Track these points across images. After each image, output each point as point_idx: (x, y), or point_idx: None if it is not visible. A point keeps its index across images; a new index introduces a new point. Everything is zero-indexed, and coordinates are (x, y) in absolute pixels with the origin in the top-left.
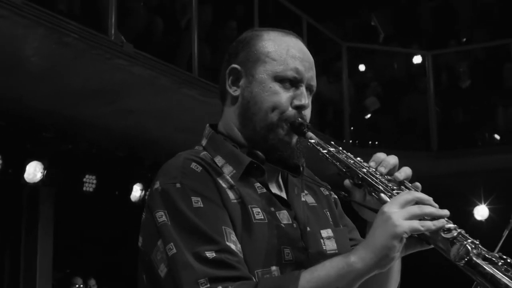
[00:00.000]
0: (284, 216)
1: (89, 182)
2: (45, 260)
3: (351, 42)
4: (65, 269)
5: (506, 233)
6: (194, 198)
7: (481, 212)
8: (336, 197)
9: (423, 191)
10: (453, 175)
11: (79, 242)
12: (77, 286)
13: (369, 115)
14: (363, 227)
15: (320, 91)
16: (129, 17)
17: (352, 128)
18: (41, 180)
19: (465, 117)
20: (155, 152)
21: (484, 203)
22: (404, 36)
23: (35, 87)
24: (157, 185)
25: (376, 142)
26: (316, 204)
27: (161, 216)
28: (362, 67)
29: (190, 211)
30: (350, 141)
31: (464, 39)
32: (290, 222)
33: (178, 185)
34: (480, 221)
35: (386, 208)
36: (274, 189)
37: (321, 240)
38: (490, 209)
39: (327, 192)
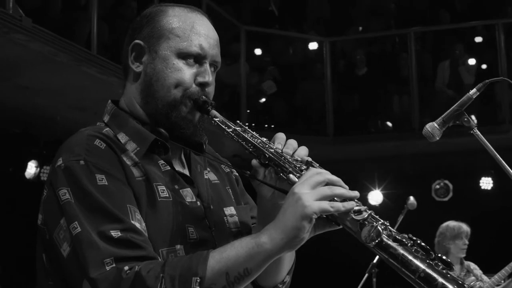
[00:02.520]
0: (187, 194)
1: None
2: None
3: (249, 25)
4: None
5: (401, 218)
6: (98, 176)
7: (375, 197)
8: (237, 174)
9: None
10: (348, 160)
11: None
12: None
13: (264, 99)
14: None
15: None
16: None
17: (248, 111)
18: None
19: (360, 104)
20: (51, 130)
21: (378, 188)
22: (301, 21)
23: None
24: (60, 162)
25: (272, 126)
26: (218, 182)
27: (64, 194)
28: (258, 51)
29: (94, 189)
30: (247, 124)
31: (361, 28)
32: (194, 200)
33: (82, 162)
34: (375, 206)
35: (297, 189)
36: (178, 167)
37: (224, 218)
38: (384, 194)
39: (228, 170)
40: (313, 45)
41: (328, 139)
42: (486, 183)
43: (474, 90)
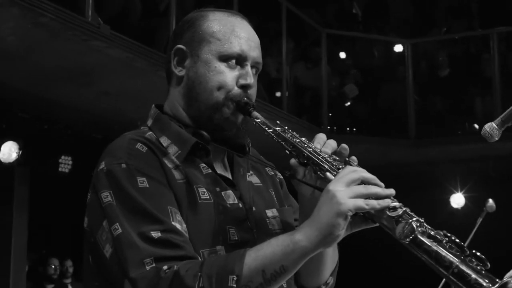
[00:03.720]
0: (229, 196)
1: (65, 163)
2: (20, 240)
3: (331, 29)
4: (41, 250)
5: (479, 220)
6: (139, 178)
7: (457, 200)
8: (281, 177)
9: (401, 179)
10: (430, 163)
11: (54, 223)
12: (53, 267)
13: (348, 103)
14: None
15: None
16: None
17: (330, 114)
18: (16, 160)
19: (443, 106)
20: None
21: (461, 191)
22: (384, 24)
23: (11, 67)
24: (102, 165)
25: (354, 129)
26: (261, 185)
27: (106, 197)
28: (342, 55)
29: (135, 191)
30: (328, 127)
31: (444, 29)
32: (236, 202)
33: (123, 165)
34: (456, 209)
35: (332, 186)
36: (219, 170)
37: (267, 219)
38: (466, 197)
39: (272, 172)
40: (396, 48)
41: (410, 142)
42: None
43: None
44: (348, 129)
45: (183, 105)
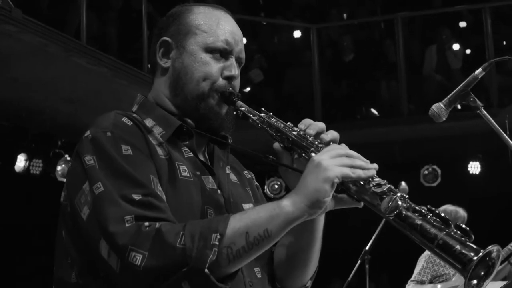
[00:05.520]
0: (209, 181)
1: None
2: None
3: (235, 14)
4: None
5: None
6: (124, 146)
7: None
8: (258, 184)
9: None
10: None
11: None
12: None
13: (250, 88)
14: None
15: None
16: None
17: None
18: None
19: (349, 91)
20: (41, 123)
21: None
22: (287, 9)
23: None
24: (87, 133)
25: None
26: (238, 182)
27: (90, 160)
28: (244, 40)
29: (119, 157)
30: (234, 113)
31: (345, 15)
32: (215, 187)
33: (108, 133)
34: None
35: (317, 156)
36: (201, 158)
37: None
38: None
39: (249, 176)
40: (299, 33)
41: None
42: (474, 167)
43: (480, 69)
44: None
45: (168, 94)
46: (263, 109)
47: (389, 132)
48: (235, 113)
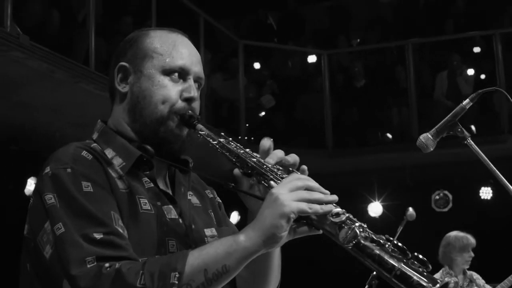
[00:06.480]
0: (170, 211)
1: None
2: None
3: (247, 39)
4: None
5: (400, 229)
6: (84, 183)
7: (375, 209)
8: (220, 201)
9: None
10: (347, 173)
11: None
12: None
13: (263, 113)
14: None
15: (215, 88)
16: (25, 9)
17: (247, 125)
18: None
19: (360, 117)
20: (50, 147)
21: (378, 200)
22: (300, 35)
23: None
24: (47, 170)
25: (272, 139)
26: (200, 205)
27: (50, 199)
28: (257, 65)
29: (79, 195)
30: (246, 138)
31: (358, 40)
32: (176, 217)
33: (68, 169)
34: (374, 218)
35: (275, 190)
36: (161, 186)
37: (205, 238)
38: (383, 206)
39: (211, 195)
40: (311, 58)
41: (327, 152)
42: (486, 193)
43: (467, 100)
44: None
45: (128, 120)
46: (222, 133)
47: (400, 157)
48: (198, 136)
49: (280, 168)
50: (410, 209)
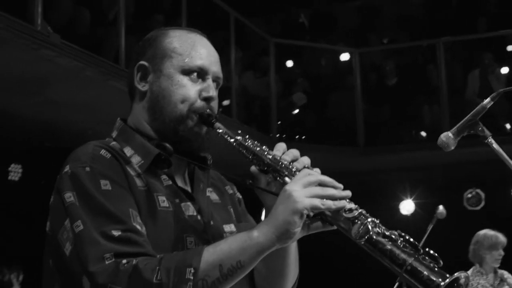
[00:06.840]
0: (188, 208)
1: (15, 171)
2: None
3: (278, 38)
4: None
5: (430, 227)
6: (102, 181)
7: (407, 206)
8: (240, 196)
9: (350, 187)
10: (379, 171)
11: (4, 231)
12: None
13: (296, 111)
14: None
15: (246, 85)
16: (55, 8)
17: (279, 122)
18: None
19: (391, 114)
20: (82, 144)
21: (410, 198)
22: (331, 33)
23: None
24: (66, 168)
25: (303, 137)
26: (220, 202)
27: (70, 197)
28: (289, 63)
29: (98, 193)
30: (277, 136)
31: (387, 39)
32: (195, 214)
33: (87, 168)
34: (406, 216)
35: (289, 186)
36: (180, 183)
37: (224, 234)
38: (416, 204)
39: (231, 191)
40: (343, 57)
41: (359, 150)
42: None
43: (488, 99)
44: (297, 137)
45: (147, 118)
46: (239, 131)
47: (431, 156)
48: (217, 133)
49: (296, 165)
50: (440, 207)
